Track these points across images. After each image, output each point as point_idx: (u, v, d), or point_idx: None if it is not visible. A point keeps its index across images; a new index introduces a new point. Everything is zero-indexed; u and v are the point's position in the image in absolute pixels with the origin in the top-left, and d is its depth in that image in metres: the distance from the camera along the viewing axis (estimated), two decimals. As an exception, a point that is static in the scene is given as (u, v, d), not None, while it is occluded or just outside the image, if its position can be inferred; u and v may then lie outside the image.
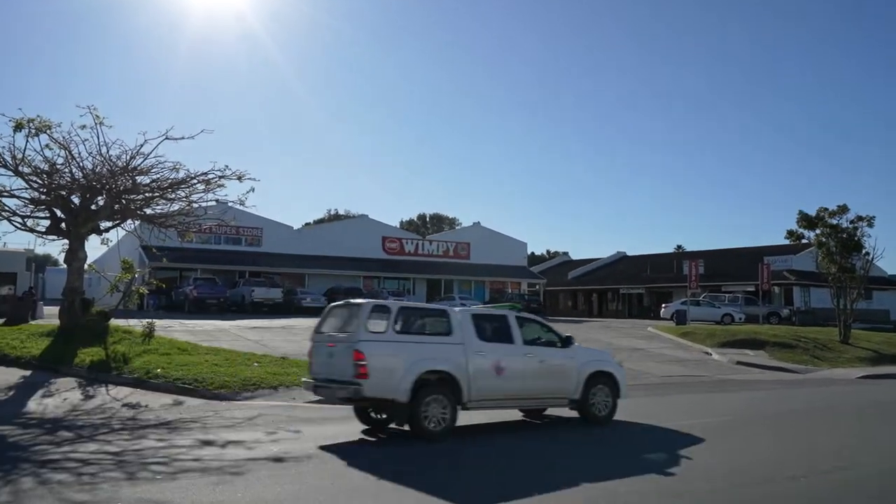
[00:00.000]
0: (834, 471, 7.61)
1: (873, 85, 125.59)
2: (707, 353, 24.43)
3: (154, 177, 17.76)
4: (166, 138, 17.12)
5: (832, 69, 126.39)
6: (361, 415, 9.86)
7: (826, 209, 29.72)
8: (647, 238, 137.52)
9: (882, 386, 18.74)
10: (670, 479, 6.98)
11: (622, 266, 61.69)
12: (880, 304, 46.41)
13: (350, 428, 9.76)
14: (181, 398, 11.95)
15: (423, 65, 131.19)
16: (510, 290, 49.50)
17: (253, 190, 17.90)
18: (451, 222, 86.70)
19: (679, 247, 79.33)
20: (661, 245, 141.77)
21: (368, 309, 9.08)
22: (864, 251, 29.53)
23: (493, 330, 9.94)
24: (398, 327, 9.16)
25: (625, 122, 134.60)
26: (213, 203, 19.53)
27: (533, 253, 78.57)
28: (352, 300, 10.10)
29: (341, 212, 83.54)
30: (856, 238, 29.12)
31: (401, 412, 8.87)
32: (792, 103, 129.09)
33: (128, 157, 17.22)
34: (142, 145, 17.16)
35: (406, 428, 9.07)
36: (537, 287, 53.73)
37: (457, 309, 10.05)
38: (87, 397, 11.90)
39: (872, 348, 26.78)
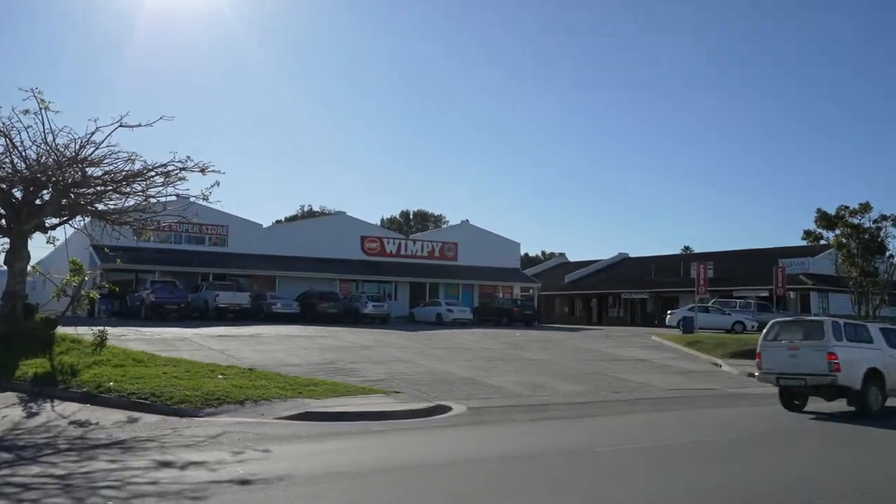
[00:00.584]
0: (854, 493, 7.68)
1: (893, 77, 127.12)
2: (716, 364, 24.60)
3: (106, 168, 17.58)
4: (120, 126, 16.94)
5: (852, 59, 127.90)
6: (787, 401, 15.05)
7: (847, 207, 30.06)
8: (652, 238, 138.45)
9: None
10: None
11: (624, 268, 62.05)
12: (905, 311, 46.92)
13: (325, 446, 9.72)
14: (136, 414, 11.84)
15: (408, 47, 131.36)
16: (501, 294, 49.61)
17: (218, 184, 17.79)
18: (437, 220, 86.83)
19: (686, 248, 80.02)
20: (667, 246, 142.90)
21: (830, 324, 14.34)
22: (887, 253, 29.89)
23: (893, 339, 15.17)
24: (845, 336, 14.19)
25: (628, 113, 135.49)
26: (173, 198, 19.35)
27: (527, 254, 78.93)
28: (805, 317, 17.42)
29: (316, 208, 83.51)
30: (879, 239, 29.48)
31: (854, 397, 14.10)
32: (810, 94, 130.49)
33: (77, 147, 17.02)
34: (93, 133, 16.98)
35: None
36: (531, 291, 53.91)
37: (870, 325, 15.56)
38: (30, 414, 11.74)
39: (896, 359, 27.02)
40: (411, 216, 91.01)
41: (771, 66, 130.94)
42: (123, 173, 17.62)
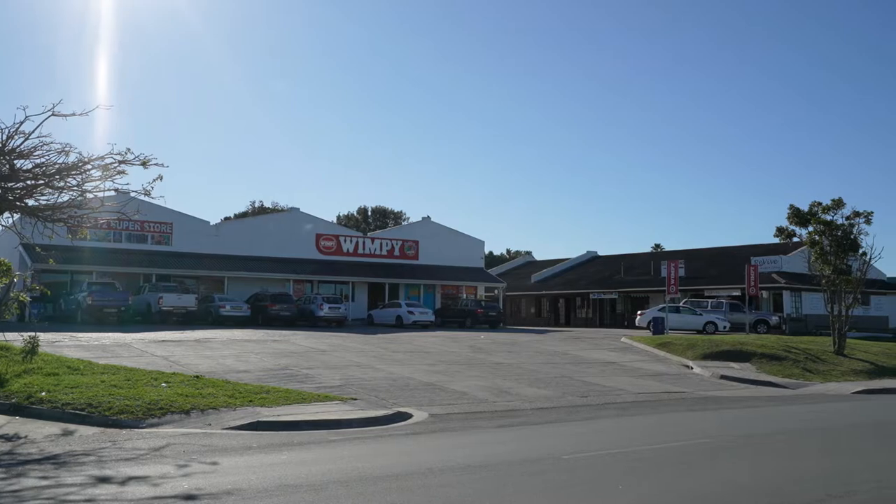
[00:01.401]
0: (828, 499, 7.88)
1: (868, 73, 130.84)
2: (687, 366, 25.04)
3: (37, 161, 17.17)
4: (53, 115, 16.58)
5: (823, 53, 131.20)
6: None
7: (819, 203, 30.72)
8: (622, 236, 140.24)
9: (880, 402, 19.51)
10: None
11: (593, 268, 62.72)
12: (878, 311, 48.38)
13: (277, 457, 9.64)
14: (71, 427, 11.64)
15: (366, 33, 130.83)
16: (465, 295, 49.77)
17: (161, 178, 17.47)
18: (397, 217, 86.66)
19: (657, 246, 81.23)
20: (637, 244, 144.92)
21: None
22: (860, 251, 30.60)
23: None
24: None
25: (596, 107, 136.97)
26: (112, 193, 19.02)
27: (491, 252, 79.32)
28: None
29: (268, 204, 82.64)
30: (852, 236, 30.17)
31: None
32: (781, 89, 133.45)
33: (4, 137, 16.60)
34: (22, 123, 16.55)
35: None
36: (496, 291, 54.16)
37: None
38: (-48, 428, 11.46)
39: (870, 360, 27.84)
40: (369, 213, 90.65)
41: (743, 63, 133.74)
42: (56, 166, 17.23)
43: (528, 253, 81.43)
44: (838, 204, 30.33)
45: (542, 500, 7.74)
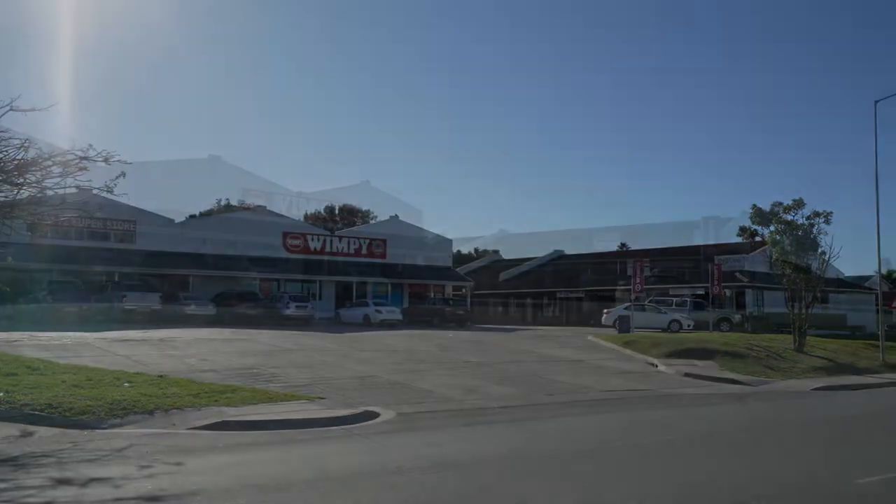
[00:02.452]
0: (786, 493, 8.02)
1: (829, 78, 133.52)
2: (652, 364, 25.29)
3: (-4, 156, 16.84)
4: (11, 109, 16.24)
5: (785, 55, 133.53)
6: None
7: (781, 203, 31.27)
8: (588, 235, 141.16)
9: (839, 399, 19.91)
10: None
11: (560, 267, 63.18)
12: (837, 308, 49.48)
13: (243, 457, 9.56)
14: (30, 428, 11.39)
15: (332, 22, 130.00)
16: (432, 294, 49.81)
17: (124, 175, 17.23)
18: (365, 215, 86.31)
19: (623, 245, 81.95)
20: (603, 243, 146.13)
21: None
22: (820, 250, 31.21)
23: None
24: None
25: (561, 106, 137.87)
26: (74, 190, 18.70)
27: (459, 251, 79.27)
28: None
29: (234, 202, 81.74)
30: (812, 236, 30.76)
31: None
32: (746, 89, 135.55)
33: (-39, 132, 16.24)
34: (-21, 118, 16.24)
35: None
36: (463, 290, 54.29)
37: None
38: None
39: (829, 357, 28.42)
40: (337, 211, 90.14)
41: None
42: (15, 162, 16.87)
43: (496, 252, 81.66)
44: (799, 204, 30.89)
45: (509, 497, 7.77)
